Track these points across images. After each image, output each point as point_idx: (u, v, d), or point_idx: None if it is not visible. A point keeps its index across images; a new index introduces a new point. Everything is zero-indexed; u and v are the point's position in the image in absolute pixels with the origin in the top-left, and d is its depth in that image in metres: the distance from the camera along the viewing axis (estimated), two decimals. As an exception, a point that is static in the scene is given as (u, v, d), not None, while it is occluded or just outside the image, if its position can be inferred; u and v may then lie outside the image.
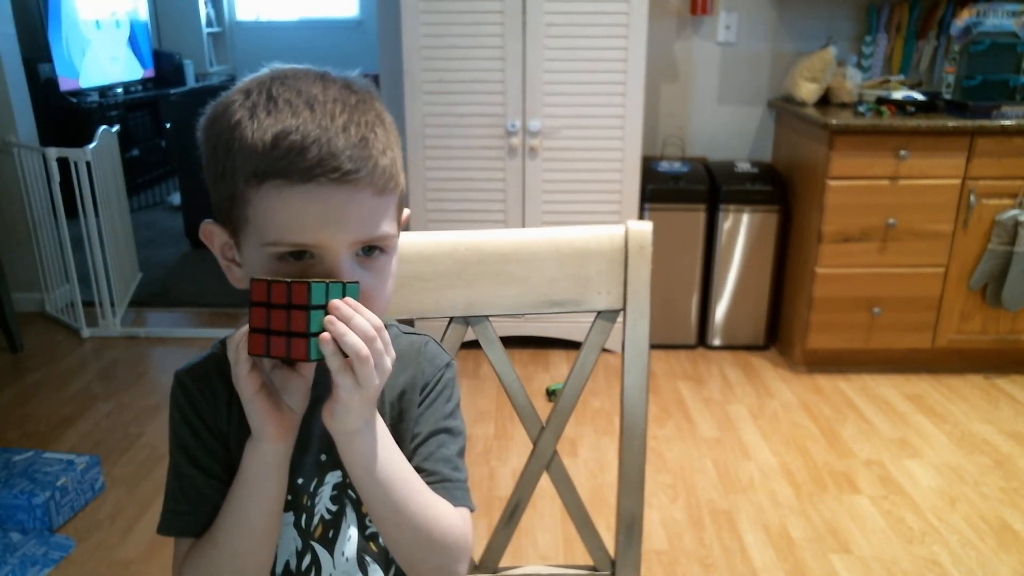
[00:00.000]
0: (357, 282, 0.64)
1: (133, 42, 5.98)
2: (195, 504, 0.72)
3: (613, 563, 1.00)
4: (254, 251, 0.66)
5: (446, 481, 0.75)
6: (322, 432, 0.74)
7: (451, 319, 0.95)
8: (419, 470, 0.75)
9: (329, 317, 0.61)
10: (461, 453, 0.79)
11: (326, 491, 0.76)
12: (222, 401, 0.74)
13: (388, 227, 0.68)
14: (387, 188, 0.66)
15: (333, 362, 0.62)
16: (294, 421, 0.68)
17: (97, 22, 5.48)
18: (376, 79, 3.15)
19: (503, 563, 1.01)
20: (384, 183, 0.66)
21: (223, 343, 0.77)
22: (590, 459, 2.30)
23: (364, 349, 0.61)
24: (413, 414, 0.77)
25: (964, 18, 2.72)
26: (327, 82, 0.67)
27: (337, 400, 0.64)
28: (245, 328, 0.63)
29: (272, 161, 0.62)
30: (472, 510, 0.77)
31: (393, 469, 0.70)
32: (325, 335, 0.61)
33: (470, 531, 0.76)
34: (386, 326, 0.80)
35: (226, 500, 0.70)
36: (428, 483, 0.74)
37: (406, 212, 0.76)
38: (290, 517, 0.75)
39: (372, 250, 0.68)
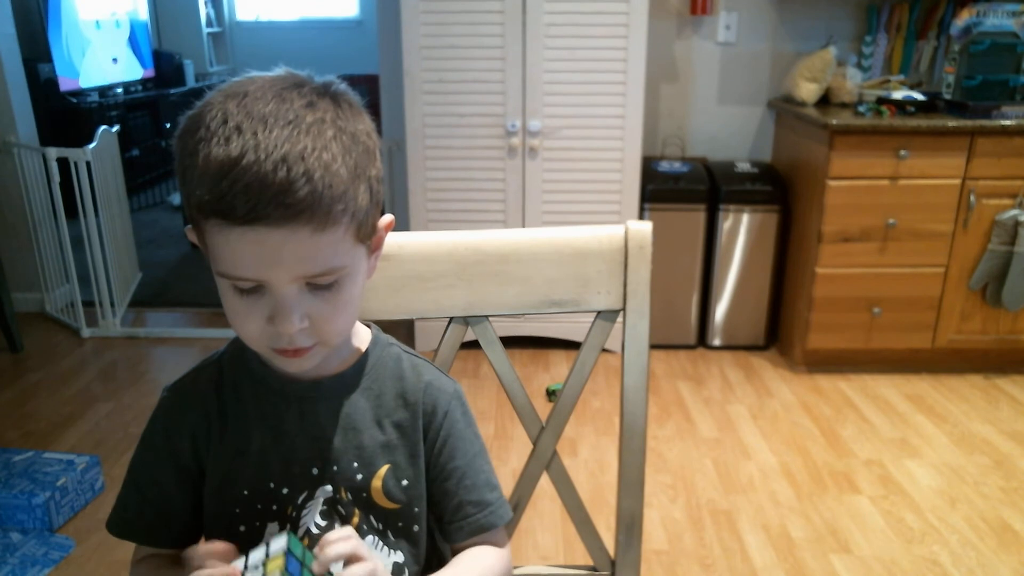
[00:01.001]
0: (292, 537, 0.65)
1: (133, 42, 5.98)
2: (130, 512, 0.78)
3: (613, 563, 1.00)
4: (215, 274, 0.67)
5: (489, 507, 0.80)
6: (311, 445, 0.75)
7: (451, 319, 0.95)
8: (467, 503, 0.79)
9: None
10: (489, 462, 0.83)
11: (316, 505, 0.76)
12: (200, 415, 0.76)
13: (333, 260, 0.66)
14: (329, 222, 0.64)
15: None
16: None
17: (97, 22, 5.48)
18: (376, 79, 3.15)
19: (503, 563, 1.01)
20: (324, 217, 0.63)
21: (218, 359, 0.79)
22: (590, 459, 2.30)
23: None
24: (417, 439, 0.78)
25: (964, 18, 2.72)
26: (286, 99, 0.64)
27: None
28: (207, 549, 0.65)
29: (211, 203, 0.62)
30: (510, 517, 0.83)
31: None
32: None
33: (508, 550, 0.83)
34: (388, 346, 0.81)
35: None
36: (475, 514, 0.79)
37: (388, 218, 0.75)
38: (275, 527, 0.75)
39: (322, 279, 0.67)
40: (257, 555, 0.63)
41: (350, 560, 0.65)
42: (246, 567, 0.62)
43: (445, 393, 0.80)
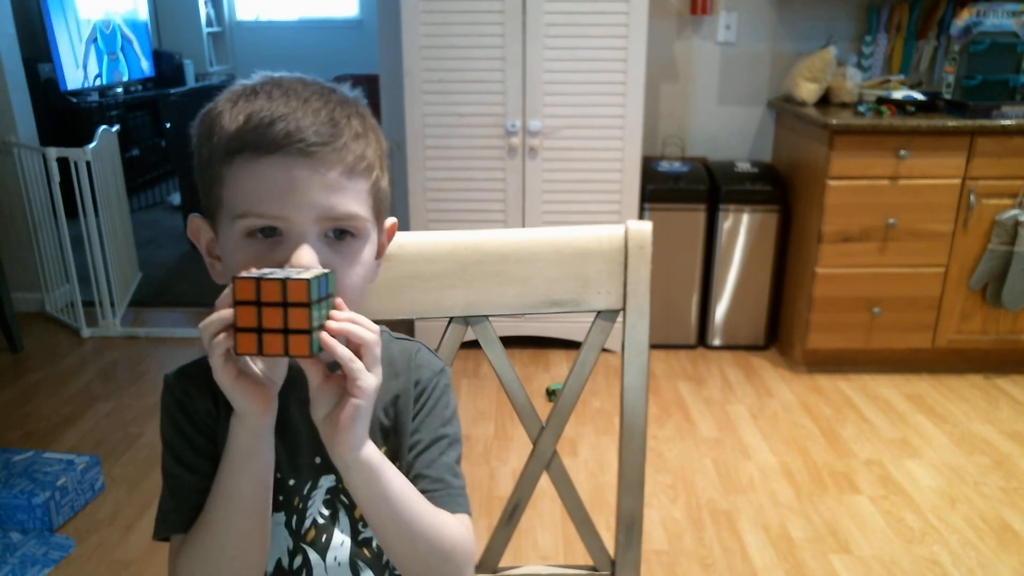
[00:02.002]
0: (332, 272, 0.64)
1: (133, 42, 5.97)
2: (181, 501, 0.73)
3: (613, 563, 1.00)
4: (228, 231, 0.67)
5: (449, 488, 0.76)
6: (313, 434, 0.75)
7: (451, 319, 0.95)
8: (422, 477, 0.76)
9: (333, 313, 0.62)
10: (459, 460, 0.79)
11: (319, 495, 0.76)
12: (209, 397, 0.74)
13: (355, 207, 0.67)
14: (356, 169, 0.67)
15: (342, 351, 0.61)
16: (274, 393, 0.67)
17: (97, 22, 5.48)
18: (376, 79, 3.15)
19: (503, 563, 1.01)
20: (353, 163, 0.66)
21: None
22: (590, 459, 2.30)
23: (371, 335, 0.63)
24: (407, 420, 0.78)
25: (964, 18, 2.72)
26: (310, 82, 0.69)
27: (354, 393, 0.63)
28: (218, 316, 0.61)
29: (242, 136, 0.64)
30: (470, 513, 0.78)
31: (401, 487, 0.70)
32: (332, 326, 0.61)
33: (473, 536, 0.77)
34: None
35: (215, 480, 0.70)
36: (432, 491, 0.75)
37: (391, 220, 0.77)
38: (281, 517, 0.75)
39: (343, 234, 0.68)
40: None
41: (354, 348, 0.63)
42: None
43: (430, 370, 0.80)
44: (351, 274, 0.69)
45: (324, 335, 0.61)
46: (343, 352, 0.61)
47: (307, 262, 0.64)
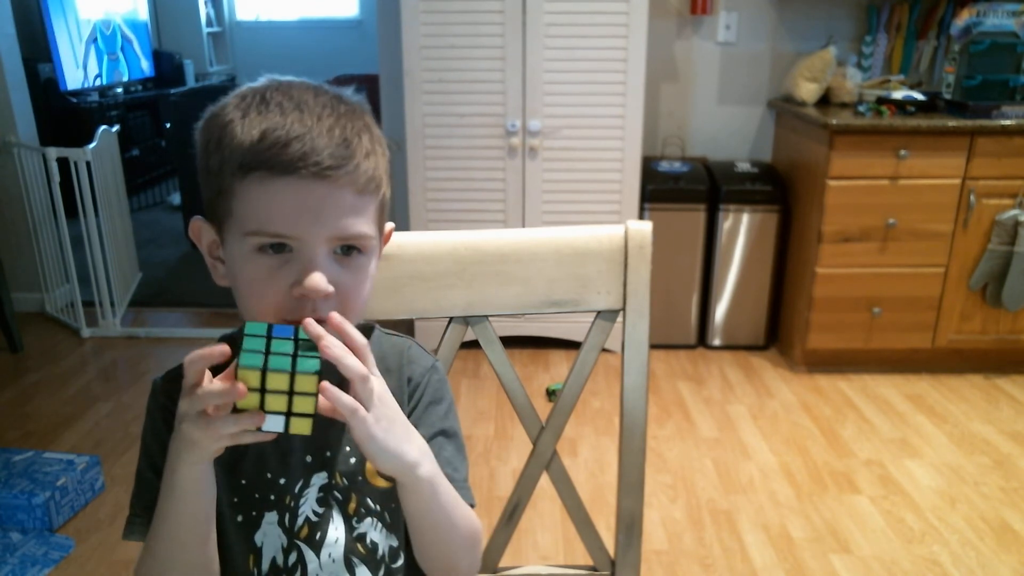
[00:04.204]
0: (317, 362, 0.62)
1: (133, 42, 5.97)
2: (146, 509, 0.74)
3: (613, 563, 1.00)
4: (236, 243, 0.68)
5: (452, 481, 0.77)
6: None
7: (451, 319, 0.95)
8: None
9: (324, 344, 0.62)
10: (460, 451, 0.80)
11: (312, 492, 0.76)
12: None
13: (366, 227, 0.69)
14: (367, 189, 0.68)
15: (342, 399, 0.62)
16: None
17: (97, 22, 5.48)
18: (376, 79, 3.15)
19: (503, 563, 1.01)
20: (364, 184, 0.67)
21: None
22: (590, 459, 2.30)
23: (362, 368, 0.63)
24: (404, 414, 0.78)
25: (964, 18, 2.72)
26: (319, 92, 0.69)
27: (365, 433, 0.64)
28: (210, 351, 0.63)
29: (257, 154, 0.64)
30: (473, 506, 0.80)
31: (445, 481, 0.74)
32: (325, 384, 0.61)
33: (480, 529, 0.81)
34: (367, 328, 0.81)
35: (156, 511, 0.71)
36: None
37: (390, 226, 0.78)
38: (274, 516, 0.76)
39: (350, 249, 0.69)
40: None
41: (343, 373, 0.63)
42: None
43: (421, 367, 0.81)
44: (360, 288, 0.70)
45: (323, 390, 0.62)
46: (346, 401, 0.63)
47: (318, 285, 0.65)
